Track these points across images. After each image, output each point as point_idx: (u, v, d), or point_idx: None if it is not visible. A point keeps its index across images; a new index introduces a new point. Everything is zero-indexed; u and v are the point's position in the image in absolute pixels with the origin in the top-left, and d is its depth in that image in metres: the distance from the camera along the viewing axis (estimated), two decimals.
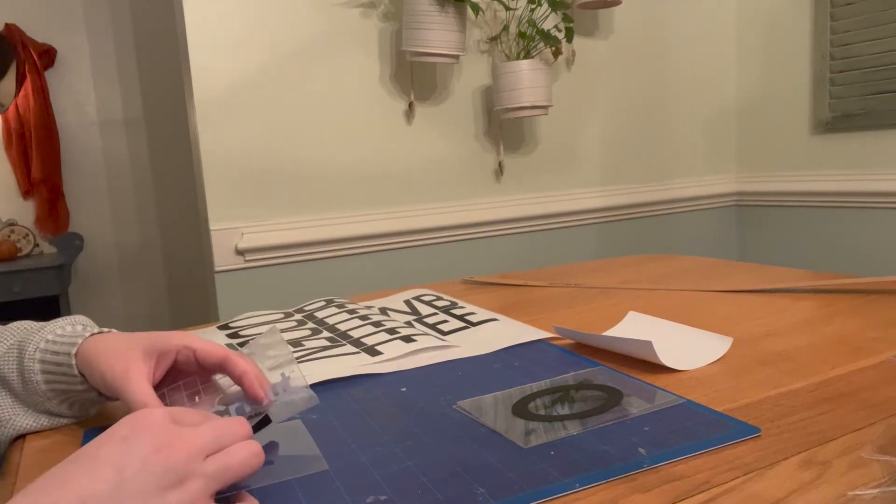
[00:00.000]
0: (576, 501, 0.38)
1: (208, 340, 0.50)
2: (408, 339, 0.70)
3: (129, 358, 0.48)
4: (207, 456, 0.37)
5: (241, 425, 0.40)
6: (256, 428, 0.44)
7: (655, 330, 0.71)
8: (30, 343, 0.52)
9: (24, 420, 0.53)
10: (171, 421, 0.37)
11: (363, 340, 0.71)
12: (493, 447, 0.45)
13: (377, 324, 0.76)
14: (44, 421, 0.54)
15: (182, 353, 0.49)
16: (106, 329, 0.54)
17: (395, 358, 0.66)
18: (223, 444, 0.38)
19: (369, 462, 0.44)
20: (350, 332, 0.74)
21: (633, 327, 0.73)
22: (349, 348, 0.69)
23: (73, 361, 0.50)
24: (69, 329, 0.53)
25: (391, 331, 0.73)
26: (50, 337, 0.52)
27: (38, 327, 0.54)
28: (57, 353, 0.51)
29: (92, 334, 0.52)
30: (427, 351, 0.68)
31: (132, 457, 0.35)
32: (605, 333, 0.70)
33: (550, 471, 0.41)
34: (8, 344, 0.53)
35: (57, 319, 0.55)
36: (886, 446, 0.42)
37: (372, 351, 0.68)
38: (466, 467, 0.43)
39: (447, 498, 0.39)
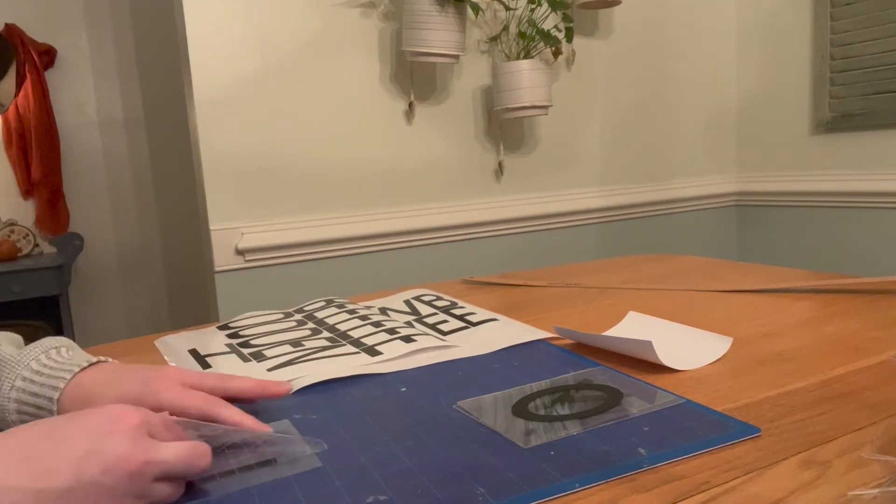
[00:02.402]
0: (576, 501, 0.38)
1: (191, 392, 0.49)
2: (408, 339, 0.70)
3: None
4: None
5: (204, 457, 0.41)
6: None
7: (655, 330, 0.71)
8: (3, 380, 0.49)
9: None
10: (144, 432, 0.39)
11: (363, 340, 0.71)
12: (493, 447, 0.45)
13: (377, 324, 0.76)
14: None
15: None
16: (86, 362, 0.51)
17: (394, 358, 0.66)
18: (186, 472, 0.40)
19: (369, 462, 0.44)
20: (350, 332, 0.74)
21: (633, 327, 0.73)
22: (349, 348, 0.69)
23: (55, 407, 0.48)
24: (45, 360, 0.50)
25: (391, 331, 0.73)
26: (27, 374, 0.49)
27: (10, 360, 0.50)
28: (37, 394, 0.48)
29: (74, 374, 0.49)
30: (427, 351, 0.68)
31: (99, 458, 0.36)
32: (605, 333, 0.70)
33: (550, 471, 0.41)
34: None
35: (31, 347, 0.52)
36: (886, 446, 0.42)
37: (372, 351, 0.68)
38: (466, 467, 0.43)
39: (447, 498, 0.39)
